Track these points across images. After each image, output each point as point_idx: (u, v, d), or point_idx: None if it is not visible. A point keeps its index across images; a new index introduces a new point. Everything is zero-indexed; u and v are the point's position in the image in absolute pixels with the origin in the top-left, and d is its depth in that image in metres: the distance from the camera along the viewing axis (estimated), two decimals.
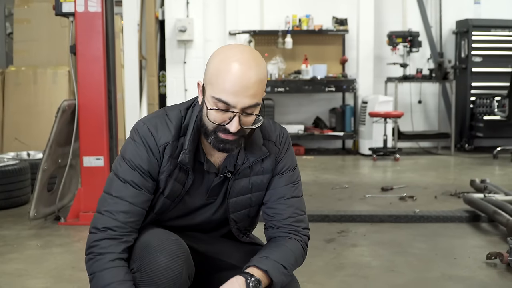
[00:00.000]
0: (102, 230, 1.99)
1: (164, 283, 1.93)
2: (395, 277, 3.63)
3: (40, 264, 3.89)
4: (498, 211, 4.59)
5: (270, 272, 2.05)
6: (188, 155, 2.02)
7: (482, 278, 3.59)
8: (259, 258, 2.08)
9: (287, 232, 2.17)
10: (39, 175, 4.81)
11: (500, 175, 7.38)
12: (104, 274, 1.96)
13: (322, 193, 6.10)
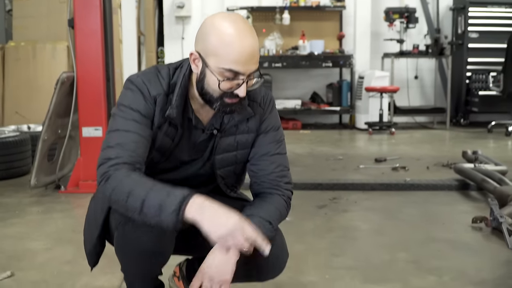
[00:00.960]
0: (113, 158, 2.04)
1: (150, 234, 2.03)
2: (383, 238, 3.76)
3: (41, 228, 4.02)
4: (486, 179, 4.72)
5: (257, 230, 2.15)
6: (176, 110, 2.12)
7: (467, 240, 3.72)
8: (245, 217, 2.15)
9: (270, 188, 2.27)
10: (39, 145, 4.94)
11: (493, 148, 7.50)
12: (126, 179, 1.99)
13: (316, 164, 6.24)
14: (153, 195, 1.96)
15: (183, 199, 1.95)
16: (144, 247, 2.06)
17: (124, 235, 2.08)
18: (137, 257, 2.11)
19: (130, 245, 2.07)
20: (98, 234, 2.21)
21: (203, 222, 1.95)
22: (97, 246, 2.26)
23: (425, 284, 2.99)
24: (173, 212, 1.93)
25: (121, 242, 2.11)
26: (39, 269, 3.23)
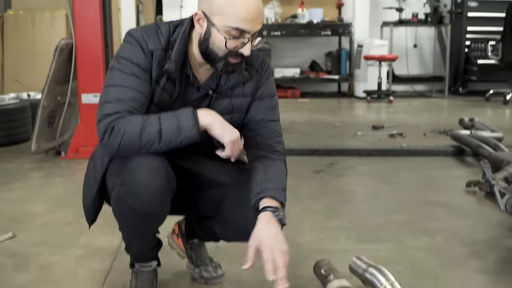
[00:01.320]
0: (113, 114, 2.08)
1: (146, 196, 2.08)
2: (378, 202, 3.82)
3: (42, 192, 4.09)
4: (481, 145, 4.76)
5: (282, 201, 2.20)
6: (174, 64, 2.16)
7: (461, 203, 3.78)
8: (271, 189, 2.18)
9: (270, 152, 2.32)
10: (39, 112, 4.98)
11: (491, 116, 7.54)
12: (131, 122, 2.06)
13: (314, 131, 6.29)
14: (166, 124, 2.07)
15: (193, 114, 2.09)
16: (141, 208, 2.11)
17: (120, 197, 2.12)
18: (133, 218, 2.16)
19: (127, 206, 2.12)
20: (97, 189, 2.26)
21: (216, 126, 2.11)
22: (95, 203, 2.31)
23: (419, 244, 3.05)
24: (193, 127, 2.06)
25: (117, 203, 2.15)
26: (40, 231, 3.30)
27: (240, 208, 2.30)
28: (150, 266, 2.40)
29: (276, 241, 2.06)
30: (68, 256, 2.94)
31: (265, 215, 2.12)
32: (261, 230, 2.09)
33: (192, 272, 2.63)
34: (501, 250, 2.96)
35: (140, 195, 2.08)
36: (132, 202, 2.10)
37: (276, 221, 2.11)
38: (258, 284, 2.58)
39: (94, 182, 2.27)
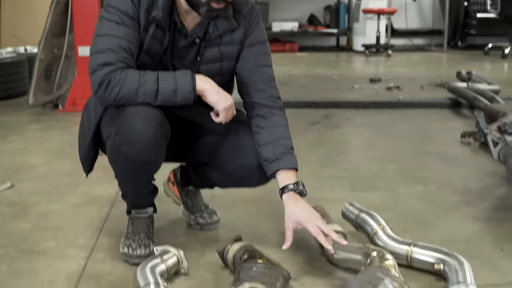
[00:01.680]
0: (106, 64, 2.09)
1: (141, 143, 2.11)
2: (373, 152, 3.86)
3: (39, 144, 4.12)
4: (478, 97, 4.78)
5: (296, 168, 2.30)
6: (162, 11, 2.16)
7: (455, 154, 3.81)
8: (283, 159, 2.25)
9: (267, 102, 2.33)
10: (36, 64, 4.98)
11: (489, 70, 7.54)
12: (128, 77, 2.09)
13: (311, 84, 6.30)
14: (163, 84, 2.11)
15: (192, 78, 2.13)
16: (135, 156, 2.13)
17: (115, 145, 2.15)
18: (128, 165, 2.19)
19: (122, 154, 2.15)
20: (91, 138, 2.29)
21: (210, 93, 2.16)
22: (90, 151, 2.34)
23: (411, 193, 3.09)
24: (190, 91, 2.12)
25: (113, 151, 2.19)
26: (38, 181, 3.34)
27: (237, 155, 2.33)
28: (146, 213, 2.44)
29: (313, 215, 2.18)
30: (66, 204, 2.98)
31: (290, 195, 2.22)
32: (294, 211, 2.19)
33: (187, 219, 2.68)
34: (492, 198, 3.01)
35: (134, 143, 2.11)
36: (127, 150, 2.13)
37: (300, 197, 2.22)
38: (252, 229, 2.63)
39: (88, 132, 2.30)
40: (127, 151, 2.13)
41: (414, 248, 2.24)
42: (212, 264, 2.33)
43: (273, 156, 2.25)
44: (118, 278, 2.23)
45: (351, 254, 2.22)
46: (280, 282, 2.03)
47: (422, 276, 2.21)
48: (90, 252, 2.44)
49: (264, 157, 2.27)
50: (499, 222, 2.70)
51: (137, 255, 2.32)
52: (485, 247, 2.46)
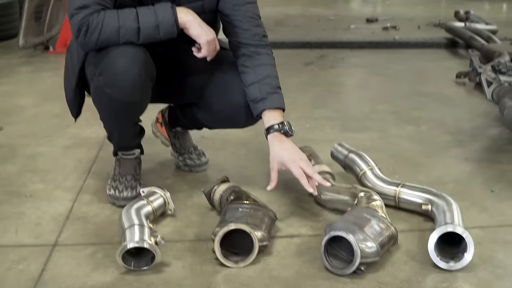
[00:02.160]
0: (83, 7, 2.03)
1: (124, 84, 2.06)
2: (366, 92, 3.82)
3: (30, 86, 4.08)
4: (474, 37, 4.71)
5: (283, 107, 2.23)
6: None
7: (449, 94, 3.78)
8: (269, 99, 2.19)
9: (253, 41, 2.26)
10: (26, 5, 4.88)
11: (488, 10, 7.44)
12: (107, 18, 2.03)
13: (307, 24, 6.19)
14: (144, 21, 2.05)
15: (173, 11, 2.06)
16: (119, 97, 2.09)
17: (98, 86, 2.10)
18: (112, 107, 2.16)
19: (105, 95, 2.11)
20: (76, 81, 2.24)
21: (193, 26, 2.10)
22: (76, 96, 2.30)
23: (402, 133, 3.07)
24: (173, 25, 2.06)
25: (96, 92, 2.14)
26: (27, 123, 3.31)
27: (224, 94, 2.29)
28: (133, 154, 2.41)
29: (297, 156, 2.14)
30: (54, 146, 2.96)
31: (275, 136, 2.17)
32: (278, 151, 2.15)
33: (176, 160, 2.66)
34: (484, 139, 2.98)
35: (118, 84, 2.07)
36: (111, 91, 2.08)
37: (286, 138, 2.18)
38: (240, 171, 2.61)
39: (72, 75, 2.25)
40: (110, 92, 2.09)
41: (402, 188, 2.23)
42: (199, 205, 2.31)
43: (259, 96, 2.20)
44: (104, 220, 2.22)
45: (338, 194, 2.20)
46: (266, 223, 2.02)
47: (410, 217, 2.20)
48: (77, 195, 2.43)
49: (251, 97, 2.22)
50: (490, 163, 2.68)
51: (123, 197, 2.31)
52: (475, 188, 2.44)
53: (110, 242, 2.06)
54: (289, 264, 1.92)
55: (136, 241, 1.86)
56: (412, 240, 2.05)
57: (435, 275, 1.84)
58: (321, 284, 1.81)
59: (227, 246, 1.95)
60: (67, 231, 2.15)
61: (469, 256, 1.84)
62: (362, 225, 1.89)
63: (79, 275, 1.87)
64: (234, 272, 1.88)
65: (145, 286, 1.82)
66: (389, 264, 1.91)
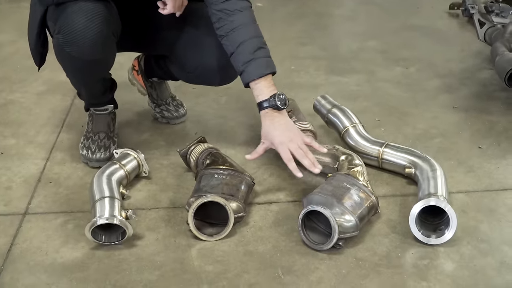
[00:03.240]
0: None
1: (85, 43, 1.93)
2: (355, 26, 3.66)
3: (7, 17, 3.89)
4: None
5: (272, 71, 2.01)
6: None
7: (441, 27, 3.62)
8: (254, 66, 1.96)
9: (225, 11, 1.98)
10: None
11: None
12: None
13: None
14: None
15: None
16: (80, 55, 1.97)
17: (58, 44, 1.97)
18: (75, 65, 2.05)
19: (65, 55, 1.99)
20: (37, 33, 2.11)
21: None
22: (38, 47, 2.16)
23: (390, 76, 2.95)
24: None
25: (57, 50, 2.02)
26: (2, 64, 3.19)
27: (196, 54, 2.17)
28: (105, 110, 2.30)
29: (287, 137, 1.97)
30: (28, 93, 2.85)
31: (266, 113, 1.98)
32: (269, 131, 1.98)
33: (153, 112, 2.56)
34: (474, 83, 2.86)
35: (77, 43, 1.93)
36: (70, 50, 1.96)
37: (278, 113, 1.98)
38: (220, 123, 2.52)
39: (34, 26, 2.11)
40: (70, 51, 1.96)
41: (386, 149, 2.14)
42: (175, 165, 2.23)
43: (239, 68, 1.99)
44: (77, 183, 2.14)
45: (319, 156, 2.11)
46: (242, 191, 1.94)
47: (393, 180, 2.13)
48: (50, 152, 2.34)
49: (236, 69, 2.02)
50: (479, 113, 2.58)
51: (96, 158, 2.22)
52: (462, 144, 2.35)
53: (81, 210, 2.00)
54: (265, 237, 1.86)
55: (106, 218, 1.79)
56: (394, 207, 1.99)
57: (416, 250, 1.79)
58: (297, 260, 1.76)
59: (202, 216, 1.89)
60: (38, 196, 2.08)
61: (450, 233, 1.78)
62: (341, 196, 1.81)
63: (49, 251, 1.81)
64: (208, 246, 1.82)
65: (116, 262, 1.77)
66: (368, 236, 1.85)
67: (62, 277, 1.71)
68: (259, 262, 1.75)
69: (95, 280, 1.70)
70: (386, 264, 1.74)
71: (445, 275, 1.69)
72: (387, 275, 1.70)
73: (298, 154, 1.96)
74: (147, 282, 1.69)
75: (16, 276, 1.72)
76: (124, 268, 1.74)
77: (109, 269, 1.74)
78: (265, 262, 1.75)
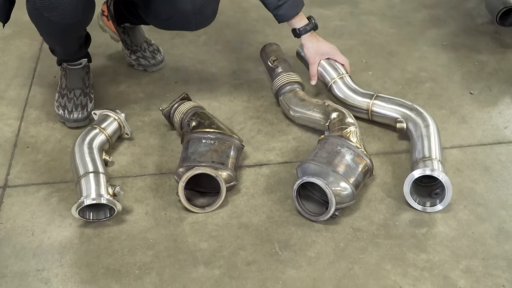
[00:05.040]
0: None
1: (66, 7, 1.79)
2: None
3: None
4: None
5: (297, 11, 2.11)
6: None
7: None
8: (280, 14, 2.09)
9: None
10: None
11: None
12: None
13: None
14: None
15: None
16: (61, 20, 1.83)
17: (35, 8, 1.81)
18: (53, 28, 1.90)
19: (44, 19, 1.83)
20: None
21: None
22: (5, 3, 1.99)
23: (374, 8, 2.81)
24: None
25: (33, 14, 1.86)
26: None
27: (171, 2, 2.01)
28: (79, 64, 2.16)
29: (333, 47, 2.18)
30: None
31: (308, 36, 2.15)
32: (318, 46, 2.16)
33: (128, 59, 2.42)
34: (461, 15, 2.74)
35: (58, 8, 1.80)
36: (50, 15, 1.82)
37: (316, 34, 2.17)
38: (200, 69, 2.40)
39: None
40: (50, 15, 1.82)
41: (376, 101, 2.06)
42: (157, 123, 2.14)
43: (272, 12, 2.11)
44: (55, 148, 2.04)
45: (309, 112, 2.03)
46: (232, 157, 1.85)
47: (384, 134, 2.07)
48: (23, 110, 2.21)
49: (269, 9, 2.12)
50: (468, 51, 2.49)
51: (74, 118, 2.10)
52: (453, 89, 2.28)
53: (64, 179, 1.92)
54: (259, 206, 1.80)
55: (92, 198, 1.71)
56: (387, 166, 1.94)
57: (413, 218, 1.76)
58: (293, 232, 1.72)
59: (192, 185, 1.82)
60: (17, 165, 1.97)
61: (446, 203, 1.75)
62: (336, 164, 1.75)
63: (35, 230, 1.74)
64: (201, 219, 1.77)
65: (107, 242, 1.71)
66: (364, 202, 1.81)
67: (53, 262, 1.65)
68: (255, 237, 1.71)
69: (87, 264, 1.64)
70: (384, 235, 1.71)
71: (443, 245, 1.67)
72: (386, 248, 1.67)
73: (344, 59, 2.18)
74: (141, 264, 1.64)
75: (4, 262, 1.66)
76: (116, 249, 1.68)
77: (100, 251, 1.68)
78: (261, 237, 1.71)
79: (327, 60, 2.17)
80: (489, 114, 2.15)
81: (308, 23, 2.13)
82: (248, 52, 2.50)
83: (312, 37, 2.15)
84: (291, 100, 2.09)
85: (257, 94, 2.26)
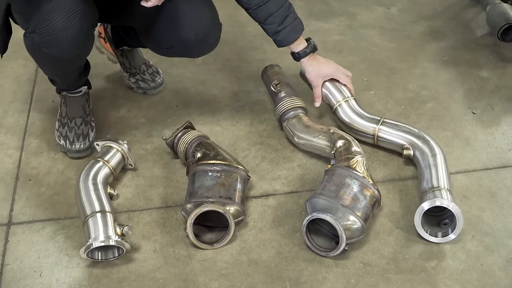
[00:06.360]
0: None
1: (65, 43, 1.76)
2: None
3: None
4: None
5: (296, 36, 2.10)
6: None
7: None
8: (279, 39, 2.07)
9: None
10: None
11: None
12: None
13: None
14: None
15: None
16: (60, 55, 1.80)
17: (34, 43, 1.78)
18: (53, 63, 1.89)
19: (43, 54, 1.80)
20: (1, 24, 1.90)
21: None
22: (2, 34, 1.96)
23: (372, 20, 2.80)
24: None
25: (32, 49, 1.83)
26: None
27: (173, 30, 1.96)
28: (79, 92, 2.13)
29: (335, 67, 2.17)
30: None
31: (308, 58, 2.13)
32: (320, 68, 2.15)
33: (128, 82, 2.39)
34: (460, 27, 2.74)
35: (57, 44, 1.76)
36: (49, 51, 1.78)
37: (316, 55, 2.15)
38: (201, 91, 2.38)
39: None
40: (49, 51, 1.79)
41: (382, 126, 2.05)
42: (160, 151, 2.12)
43: (272, 37, 2.09)
44: (58, 180, 2.01)
45: (314, 139, 2.02)
46: (239, 190, 1.84)
47: (389, 159, 2.06)
48: (23, 139, 2.18)
49: (268, 34, 2.10)
50: (469, 67, 2.49)
51: (76, 149, 2.08)
52: (455, 109, 2.28)
53: (68, 215, 1.89)
54: (267, 241, 1.79)
55: (101, 240, 1.69)
56: (394, 194, 1.93)
57: (422, 250, 1.76)
58: (304, 269, 1.71)
59: (199, 220, 1.80)
60: (20, 199, 1.94)
61: (456, 233, 1.75)
62: (345, 198, 1.74)
63: (43, 272, 1.71)
64: (210, 256, 1.75)
65: (116, 283, 1.69)
66: (373, 234, 1.80)
67: None
68: (265, 274, 1.70)
69: None
70: (394, 269, 1.70)
71: (453, 279, 1.68)
72: (397, 283, 1.67)
73: (347, 79, 2.16)
74: None
75: None
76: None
77: None
78: (271, 274, 1.70)
79: (332, 81, 2.15)
80: (493, 135, 2.15)
81: (307, 46, 2.11)
82: (248, 71, 2.48)
83: (311, 60, 2.14)
84: (295, 126, 2.08)
85: (259, 117, 2.24)
